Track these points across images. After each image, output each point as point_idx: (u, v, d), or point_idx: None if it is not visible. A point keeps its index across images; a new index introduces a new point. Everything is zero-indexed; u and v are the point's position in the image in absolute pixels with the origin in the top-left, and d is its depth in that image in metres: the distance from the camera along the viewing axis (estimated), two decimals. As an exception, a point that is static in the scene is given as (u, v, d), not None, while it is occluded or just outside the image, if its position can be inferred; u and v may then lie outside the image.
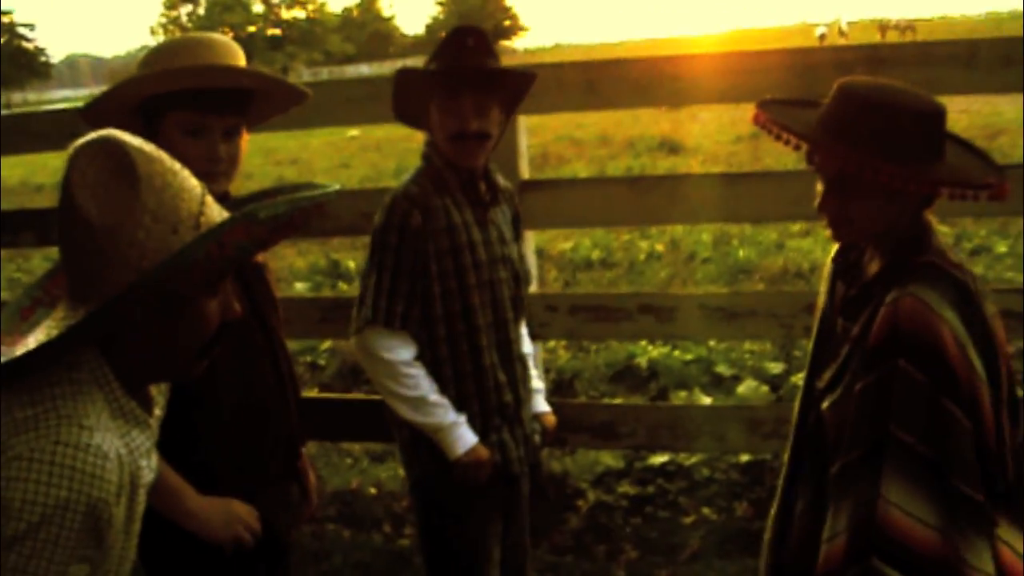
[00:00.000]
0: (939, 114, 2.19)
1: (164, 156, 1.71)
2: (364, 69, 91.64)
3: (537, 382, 3.42)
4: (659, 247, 9.65)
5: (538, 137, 18.77)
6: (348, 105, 4.57)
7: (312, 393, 6.45)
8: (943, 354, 2.08)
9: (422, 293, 3.00)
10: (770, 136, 2.31)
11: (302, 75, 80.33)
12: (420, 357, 3.05)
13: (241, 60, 2.59)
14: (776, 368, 6.15)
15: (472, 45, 2.93)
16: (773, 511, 2.57)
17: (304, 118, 4.76)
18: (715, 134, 17.61)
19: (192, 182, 1.73)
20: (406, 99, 3.08)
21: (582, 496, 4.81)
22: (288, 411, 2.77)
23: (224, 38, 2.60)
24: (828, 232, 2.33)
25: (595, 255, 9.64)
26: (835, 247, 2.49)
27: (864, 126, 2.15)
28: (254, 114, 2.64)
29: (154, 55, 2.54)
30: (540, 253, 9.51)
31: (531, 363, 3.40)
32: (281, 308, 2.85)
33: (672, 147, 16.70)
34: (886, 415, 2.11)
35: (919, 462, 2.08)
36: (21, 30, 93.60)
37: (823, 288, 2.54)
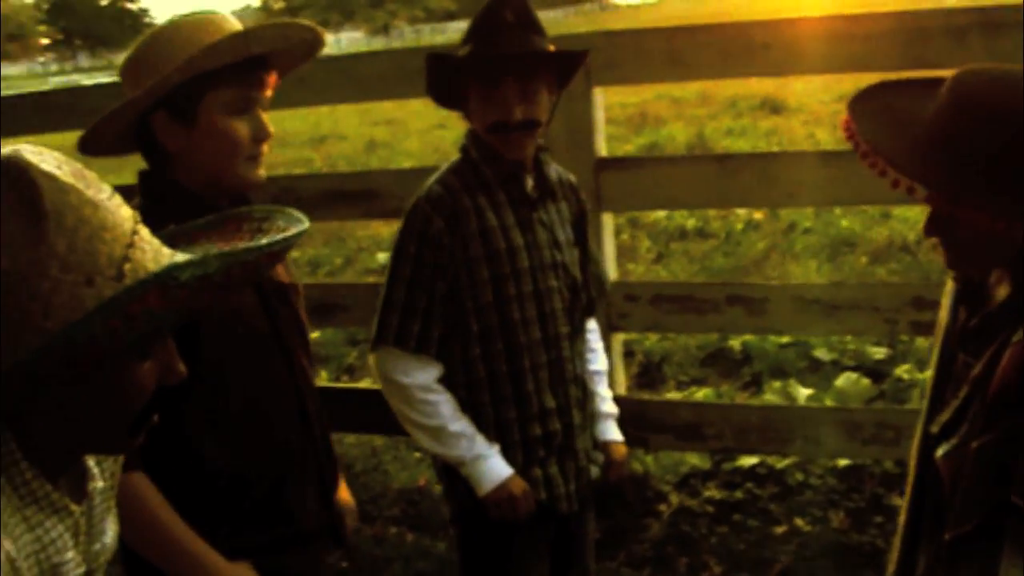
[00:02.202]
0: None
1: (87, 182, 1.33)
2: (465, 25, 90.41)
3: (607, 405, 2.99)
4: (758, 216, 9.16)
5: (637, 96, 18.26)
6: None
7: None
8: None
9: (455, 309, 2.64)
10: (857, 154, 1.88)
11: (404, 33, 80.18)
12: (454, 379, 2.69)
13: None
14: (879, 353, 5.68)
15: (512, 21, 2.52)
16: (891, 573, 2.17)
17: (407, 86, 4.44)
18: (819, 92, 16.91)
19: (120, 215, 1.35)
20: (442, 83, 2.68)
21: (664, 500, 4.44)
22: (316, 452, 2.39)
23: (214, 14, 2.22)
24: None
25: (690, 224, 9.18)
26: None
27: (972, 144, 1.70)
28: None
29: (142, 60, 2.18)
30: (634, 222, 9.11)
31: (601, 383, 2.99)
32: (308, 332, 2.47)
33: (774, 107, 16.06)
34: (1007, 482, 1.70)
35: None
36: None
37: (945, 303, 2.09)
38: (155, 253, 1.38)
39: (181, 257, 1.40)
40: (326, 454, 2.45)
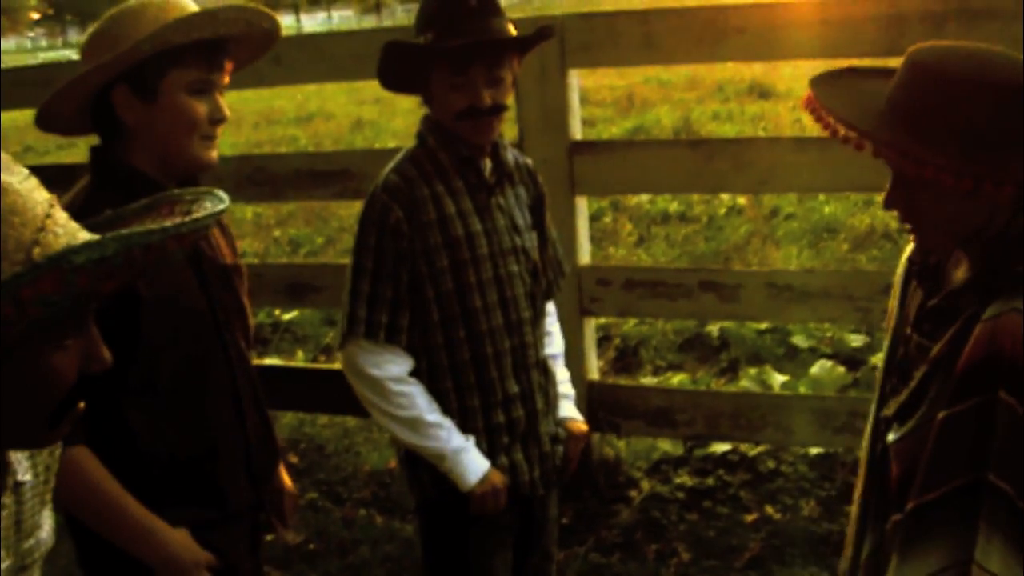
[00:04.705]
0: None
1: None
2: None
3: (565, 386, 2.96)
4: (741, 201, 9.12)
5: (624, 79, 18.19)
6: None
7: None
8: None
9: (416, 297, 2.60)
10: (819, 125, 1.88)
11: (396, 12, 79.87)
12: (416, 367, 2.65)
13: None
14: (857, 341, 5.67)
15: (475, 6, 2.46)
16: (845, 565, 2.14)
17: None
18: (807, 78, 16.84)
19: (32, 199, 1.26)
20: (398, 69, 2.61)
21: (635, 486, 4.42)
22: (244, 436, 2.43)
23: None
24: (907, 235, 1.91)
25: (673, 208, 9.14)
26: (911, 242, 2.02)
27: (932, 109, 1.72)
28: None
29: (108, 34, 2.20)
30: (616, 205, 9.07)
31: (559, 366, 2.96)
32: (251, 321, 2.52)
33: (762, 91, 16.01)
34: (981, 458, 1.68)
35: (1021, 521, 1.66)
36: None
37: (895, 292, 2.09)
38: (70, 238, 1.29)
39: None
40: (260, 435, 2.49)
